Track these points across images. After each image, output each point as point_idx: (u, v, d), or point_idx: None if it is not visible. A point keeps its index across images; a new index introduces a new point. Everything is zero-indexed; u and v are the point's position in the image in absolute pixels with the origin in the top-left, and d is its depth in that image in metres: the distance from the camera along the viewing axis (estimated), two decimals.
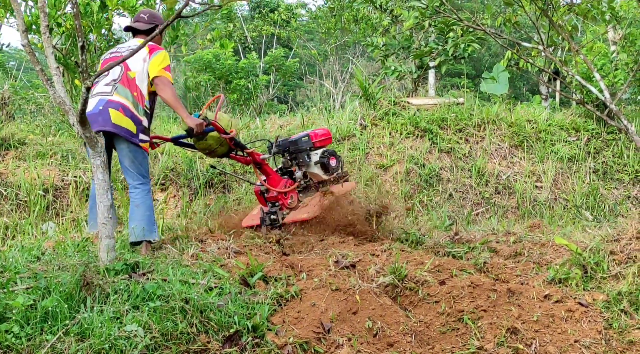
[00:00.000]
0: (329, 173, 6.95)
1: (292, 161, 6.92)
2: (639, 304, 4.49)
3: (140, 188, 5.83)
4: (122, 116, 5.66)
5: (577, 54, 8.62)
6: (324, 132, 7.12)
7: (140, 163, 5.86)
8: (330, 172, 6.95)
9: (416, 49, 12.33)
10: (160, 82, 5.79)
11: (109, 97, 5.70)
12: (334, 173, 6.97)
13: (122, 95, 5.72)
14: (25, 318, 3.62)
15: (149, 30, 6.13)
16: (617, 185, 9.92)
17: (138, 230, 5.60)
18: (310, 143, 6.91)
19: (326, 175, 6.94)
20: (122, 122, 5.67)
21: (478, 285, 4.73)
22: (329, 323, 4.26)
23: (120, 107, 5.67)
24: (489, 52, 27.34)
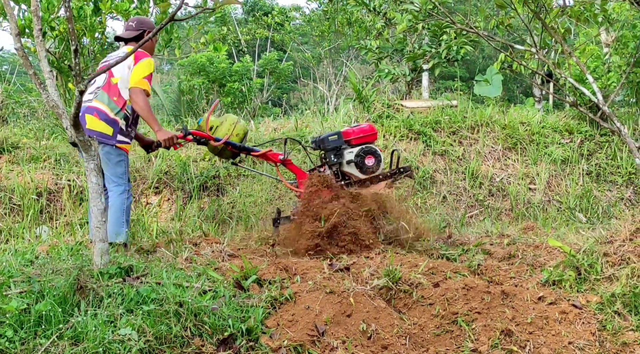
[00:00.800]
0: (365, 172, 6.62)
1: (322, 159, 6.81)
2: (633, 306, 4.50)
3: (114, 190, 5.92)
4: (97, 120, 5.84)
5: (570, 56, 8.64)
6: (362, 128, 6.78)
7: (116, 165, 5.92)
8: (366, 172, 6.63)
9: (409, 51, 12.34)
10: (134, 93, 5.84)
11: (89, 104, 5.89)
12: (373, 172, 6.64)
13: (100, 100, 5.88)
14: (19, 322, 3.61)
15: (137, 36, 6.20)
16: (611, 187, 9.94)
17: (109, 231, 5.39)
18: (341, 142, 6.65)
19: (362, 174, 6.63)
20: (96, 126, 5.83)
21: (472, 287, 4.74)
22: (323, 325, 4.26)
23: (95, 112, 5.86)
24: (482, 55, 27.38)
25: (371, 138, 6.73)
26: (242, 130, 6.46)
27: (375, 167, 6.62)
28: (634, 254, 4.87)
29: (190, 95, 15.98)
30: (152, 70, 5.95)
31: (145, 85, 5.86)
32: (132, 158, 8.74)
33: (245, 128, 6.58)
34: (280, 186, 8.64)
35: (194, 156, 8.98)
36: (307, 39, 28.03)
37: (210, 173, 8.68)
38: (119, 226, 5.77)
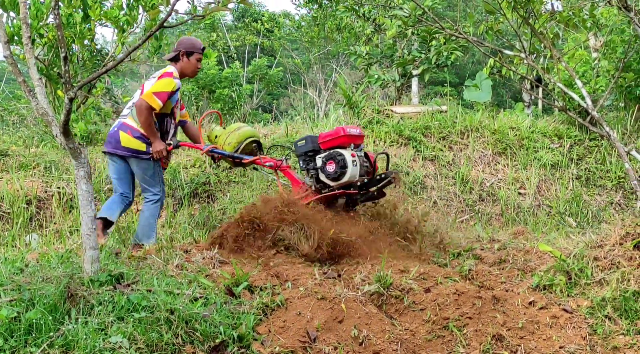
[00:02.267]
0: (331, 180, 6.15)
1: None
2: (623, 310, 4.51)
3: (148, 198, 6.57)
4: (130, 137, 6.42)
5: (559, 61, 8.67)
6: (329, 131, 6.35)
7: (151, 177, 6.52)
8: (332, 179, 6.14)
9: (399, 57, 12.37)
10: (139, 104, 6.33)
11: (123, 120, 6.54)
12: (338, 179, 6.09)
13: (132, 117, 6.52)
14: (9, 330, 3.60)
15: (174, 57, 6.66)
16: (600, 191, 9.97)
17: (137, 234, 6.51)
18: (309, 147, 6.36)
19: (330, 182, 6.17)
20: (130, 143, 6.41)
21: (463, 292, 4.74)
22: (314, 332, 4.26)
23: (129, 129, 6.44)
24: (472, 60, 27.46)
25: (339, 142, 6.22)
26: (234, 139, 6.54)
27: (338, 174, 6.07)
28: (624, 258, 4.89)
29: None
30: (169, 89, 6.36)
31: (151, 100, 6.27)
32: None
33: (240, 137, 6.60)
34: (270, 192, 8.64)
35: (184, 163, 8.98)
36: (296, 45, 28.07)
37: (201, 180, 8.68)
38: (150, 230, 6.49)
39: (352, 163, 6.06)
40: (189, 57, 6.61)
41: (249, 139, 6.67)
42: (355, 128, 6.36)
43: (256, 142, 6.77)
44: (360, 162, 6.20)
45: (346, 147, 6.21)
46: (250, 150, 6.75)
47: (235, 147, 6.60)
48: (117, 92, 13.86)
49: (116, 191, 6.66)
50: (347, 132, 6.20)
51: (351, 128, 6.29)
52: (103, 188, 8.22)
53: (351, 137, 6.23)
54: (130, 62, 10.43)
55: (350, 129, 6.26)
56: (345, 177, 6.04)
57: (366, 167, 6.32)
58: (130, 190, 6.65)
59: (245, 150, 6.69)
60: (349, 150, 6.18)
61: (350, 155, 6.10)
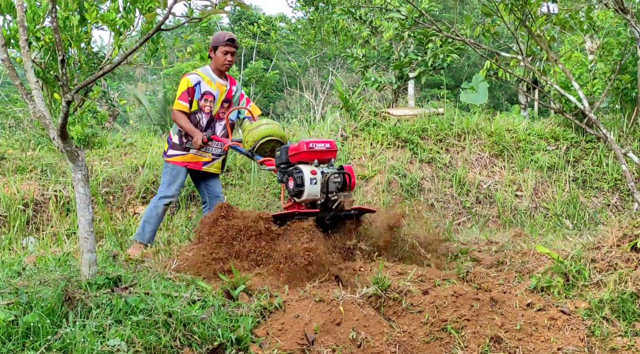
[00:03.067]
0: (294, 196, 5.86)
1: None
2: (621, 312, 4.52)
3: (156, 197, 6.88)
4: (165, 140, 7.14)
5: (556, 63, 8.69)
6: (294, 145, 5.97)
7: (163, 175, 6.89)
8: (293, 195, 5.87)
9: (396, 59, 12.38)
10: (173, 114, 6.85)
11: None
12: (298, 196, 5.80)
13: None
14: (6, 333, 3.59)
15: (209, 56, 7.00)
16: (597, 193, 9.98)
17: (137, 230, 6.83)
18: (281, 159, 6.06)
19: (295, 198, 5.87)
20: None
21: (461, 294, 4.74)
22: (312, 334, 4.26)
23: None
24: (468, 63, 27.52)
25: (300, 157, 5.85)
26: (251, 138, 6.42)
27: (295, 192, 5.77)
28: (622, 260, 4.90)
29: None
30: (185, 88, 6.73)
31: (177, 106, 6.74)
32: (119, 168, 8.72)
33: (256, 136, 6.39)
34: (267, 194, 8.64)
35: None
36: (293, 47, 28.09)
37: None
38: (144, 227, 6.73)
39: (310, 181, 5.69)
40: (215, 51, 6.82)
41: (266, 138, 6.40)
42: (323, 143, 5.92)
43: (275, 140, 6.46)
44: (323, 180, 5.75)
45: (309, 163, 5.83)
46: (269, 149, 6.47)
47: (251, 145, 6.42)
48: (114, 95, 13.86)
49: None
50: (310, 147, 5.80)
51: (317, 143, 5.88)
52: (100, 191, 8.22)
53: (314, 152, 5.83)
54: (126, 65, 10.42)
55: (314, 144, 5.85)
56: (303, 195, 5.71)
57: (336, 183, 5.83)
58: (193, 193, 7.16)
59: (263, 149, 6.45)
60: (311, 167, 5.79)
61: (310, 172, 5.73)
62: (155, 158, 9.04)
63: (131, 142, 10.04)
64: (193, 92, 6.72)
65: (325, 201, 5.76)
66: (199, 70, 6.90)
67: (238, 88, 7.18)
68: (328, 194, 5.74)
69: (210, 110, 6.84)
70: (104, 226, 7.41)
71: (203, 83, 6.77)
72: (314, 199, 5.76)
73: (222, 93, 6.92)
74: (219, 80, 6.90)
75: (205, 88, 6.78)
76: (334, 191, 5.78)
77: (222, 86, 6.92)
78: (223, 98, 6.94)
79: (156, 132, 12.14)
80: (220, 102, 6.92)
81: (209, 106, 6.82)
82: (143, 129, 13.33)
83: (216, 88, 6.86)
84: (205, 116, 6.82)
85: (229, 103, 7.03)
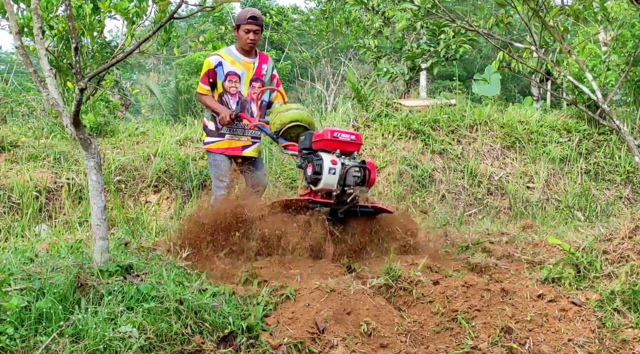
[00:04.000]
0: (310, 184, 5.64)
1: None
2: (632, 304, 4.51)
3: (213, 190, 6.69)
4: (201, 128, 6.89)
5: (569, 54, 8.65)
6: (319, 132, 5.76)
7: (209, 168, 6.78)
8: (309, 183, 5.65)
9: (408, 50, 12.35)
10: (198, 98, 6.81)
11: None
12: (314, 185, 5.58)
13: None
14: (19, 319, 3.61)
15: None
16: (609, 186, 9.95)
17: None
18: (305, 144, 5.83)
19: (312, 186, 5.64)
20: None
21: (472, 284, 4.74)
22: (323, 323, 4.26)
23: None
24: (480, 55, 27.41)
25: (322, 145, 5.64)
26: (279, 121, 6.15)
27: (312, 179, 5.55)
28: (634, 252, 4.89)
29: (188, 94, 15.98)
30: (205, 70, 6.64)
31: (198, 89, 6.70)
32: (131, 157, 8.74)
33: (283, 119, 6.13)
34: (278, 184, 8.65)
35: (193, 155, 8.99)
36: (305, 39, 28.05)
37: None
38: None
39: (328, 171, 5.47)
40: (238, 30, 6.62)
41: (294, 123, 6.15)
42: (348, 134, 5.73)
43: (303, 126, 6.20)
44: (342, 172, 5.51)
45: (331, 152, 5.63)
46: (295, 135, 6.19)
47: (277, 129, 6.17)
48: (126, 84, 13.89)
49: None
50: (334, 135, 5.60)
51: (342, 133, 5.68)
52: (112, 179, 8.24)
53: (337, 142, 5.63)
54: (139, 54, 10.44)
55: (339, 133, 5.66)
56: (320, 183, 5.48)
57: (355, 177, 5.58)
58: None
59: (289, 134, 6.20)
60: (332, 156, 5.58)
61: (331, 161, 5.51)
62: (167, 147, 9.05)
63: (143, 131, 10.06)
64: (214, 74, 6.56)
65: (341, 194, 5.52)
66: (222, 51, 6.72)
67: (270, 67, 6.90)
68: (345, 187, 5.49)
69: (237, 90, 6.62)
70: (116, 214, 7.44)
71: (226, 64, 6.58)
72: (330, 189, 5.52)
73: (249, 71, 6.68)
74: (244, 59, 6.66)
75: (229, 69, 6.59)
76: (352, 185, 5.51)
77: (249, 64, 6.68)
78: (251, 77, 6.70)
79: (168, 121, 12.13)
80: (249, 81, 6.68)
81: (234, 87, 6.61)
82: (155, 119, 13.36)
83: (241, 67, 6.63)
84: (233, 98, 6.62)
85: (260, 83, 6.76)
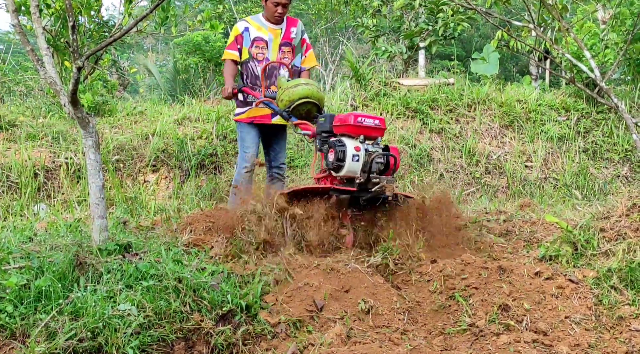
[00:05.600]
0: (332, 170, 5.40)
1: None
2: (629, 281, 4.53)
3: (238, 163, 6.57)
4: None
5: (568, 32, 8.63)
6: (342, 115, 5.49)
7: (238, 140, 6.63)
8: (331, 169, 5.40)
9: (406, 29, 12.32)
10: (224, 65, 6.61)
11: None
12: (336, 171, 5.34)
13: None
14: (19, 297, 3.64)
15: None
16: (607, 164, 9.96)
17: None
18: (324, 127, 5.60)
19: (334, 172, 5.41)
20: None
21: (469, 263, 4.76)
22: (321, 301, 4.28)
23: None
24: (478, 33, 27.31)
25: (345, 130, 5.37)
26: (287, 97, 5.85)
27: (334, 166, 5.31)
28: (631, 229, 4.90)
29: (186, 74, 15.93)
30: (234, 35, 6.48)
31: (224, 55, 6.54)
32: (129, 136, 8.74)
33: (292, 96, 5.83)
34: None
35: (191, 134, 8.98)
36: (304, 19, 27.95)
37: (208, 152, 8.68)
38: (231, 195, 6.59)
39: (351, 158, 5.23)
40: (266, 1, 6.37)
41: (303, 100, 5.84)
42: (372, 118, 5.43)
43: (313, 103, 5.92)
44: (367, 158, 5.27)
45: (353, 137, 5.36)
46: (305, 112, 5.94)
47: (286, 105, 5.88)
48: (124, 64, 13.85)
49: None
50: (357, 121, 5.32)
51: (366, 118, 5.39)
52: (111, 159, 8.24)
53: (361, 127, 5.35)
54: (137, 33, 10.40)
55: (363, 118, 5.37)
56: (342, 170, 5.26)
57: (379, 164, 5.35)
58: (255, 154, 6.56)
59: (298, 111, 5.91)
60: (355, 142, 5.32)
61: (354, 148, 5.26)
62: (165, 126, 9.04)
63: (141, 111, 10.04)
64: (242, 40, 6.42)
65: (365, 182, 5.25)
66: (249, 17, 6.57)
67: (299, 30, 6.65)
68: (370, 174, 5.22)
69: (265, 57, 6.45)
70: (115, 193, 7.45)
71: (252, 29, 6.42)
72: (353, 176, 5.29)
73: (277, 36, 6.49)
74: (270, 25, 6.47)
75: (255, 34, 6.43)
76: (375, 172, 5.28)
77: (276, 30, 6.49)
78: (280, 42, 6.51)
79: (166, 101, 12.11)
80: (277, 46, 6.50)
81: (261, 53, 6.44)
82: (153, 98, 13.34)
83: (268, 32, 6.46)
84: (260, 64, 6.43)
85: (289, 47, 6.57)
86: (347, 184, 5.38)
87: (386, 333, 4.12)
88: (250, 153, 6.39)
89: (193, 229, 5.43)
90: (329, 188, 5.29)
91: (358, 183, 5.28)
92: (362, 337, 4.04)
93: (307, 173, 8.61)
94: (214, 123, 9.27)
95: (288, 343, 3.90)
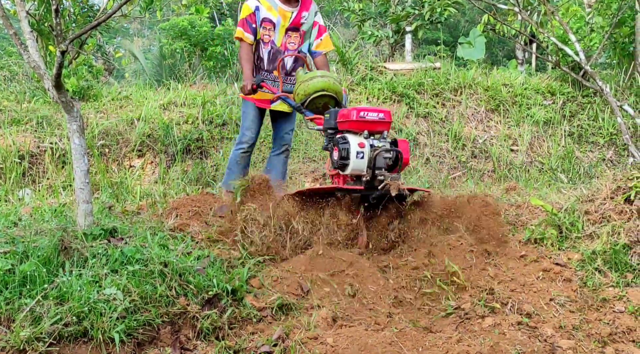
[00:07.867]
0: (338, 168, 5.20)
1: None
2: (613, 263, 4.56)
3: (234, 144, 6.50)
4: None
5: (553, 16, 8.63)
6: (345, 111, 5.26)
7: (241, 116, 6.44)
8: (336, 167, 5.21)
9: (393, 13, 12.30)
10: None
11: None
12: (341, 170, 5.15)
13: None
14: (3, 282, 3.63)
15: None
16: (592, 148, 10.00)
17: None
18: (329, 123, 5.39)
19: (340, 170, 5.21)
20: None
21: (455, 246, 4.77)
22: (307, 285, 4.30)
23: None
24: (465, 18, 27.31)
25: (348, 126, 5.16)
26: (302, 91, 5.66)
27: (339, 164, 5.12)
28: (615, 212, 4.92)
29: (172, 59, 15.85)
30: (244, 15, 6.16)
31: (237, 33, 6.18)
32: (114, 121, 8.69)
33: (307, 90, 5.63)
34: (264, 150, 8.62)
35: (177, 119, 8.94)
36: None
37: (194, 136, 8.65)
38: (225, 175, 6.41)
39: (356, 155, 5.02)
40: None
41: (319, 93, 5.63)
42: (376, 112, 5.16)
43: (329, 96, 5.70)
44: (372, 155, 5.07)
45: (357, 133, 5.14)
46: (322, 105, 5.72)
47: (302, 100, 5.68)
48: (109, 49, 13.76)
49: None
50: (360, 115, 5.07)
51: (369, 112, 5.13)
52: (96, 144, 8.20)
53: (364, 122, 5.10)
54: (122, 17, 10.33)
55: (366, 113, 5.11)
56: (348, 169, 5.06)
57: (387, 159, 5.08)
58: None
59: (315, 105, 5.70)
60: (359, 138, 5.10)
61: (358, 144, 5.04)
62: (150, 111, 8.99)
63: (127, 95, 9.98)
64: (254, 19, 6.07)
65: (371, 179, 5.08)
66: None
67: (312, 13, 6.29)
68: (375, 171, 5.03)
69: (270, 39, 6.15)
70: (100, 178, 7.41)
71: (262, 9, 6.07)
72: (360, 174, 5.11)
73: (286, 19, 6.13)
74: (282, 6, 6.10)
75: (264, 15, 6.09)
76: (383, 168, 5.03)
77: (286, 12, 6.13)
78: (287, 26, 6.17)
79: (152, 85, 12.05)
80: (284, 29, 6.16)
81: (268, 35, 6.13)
82: (139, 83, 13.28)
83: (277, 14, 6.09)
84: (265, 46, 6.18)
85: (297, 32, 6.24)
86: (357, 182, 5.20)
87: (372, 316, 4.13)
88: (248, 135, 6.26)
89: (179, 214, 5.45)
90: (335, 189, 5.13)
91: (365, 181, 5.11)
92: (348, 320, 4.05)
93: (296, 159, 8.62)
94: (199, 107, 9.22)
95: (274, 327, 3.91)
